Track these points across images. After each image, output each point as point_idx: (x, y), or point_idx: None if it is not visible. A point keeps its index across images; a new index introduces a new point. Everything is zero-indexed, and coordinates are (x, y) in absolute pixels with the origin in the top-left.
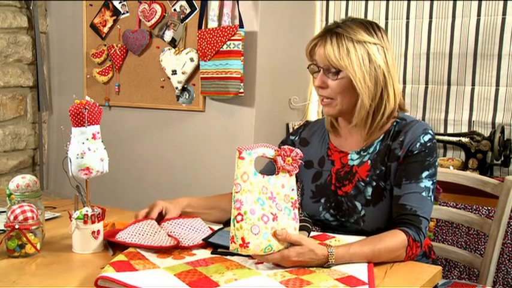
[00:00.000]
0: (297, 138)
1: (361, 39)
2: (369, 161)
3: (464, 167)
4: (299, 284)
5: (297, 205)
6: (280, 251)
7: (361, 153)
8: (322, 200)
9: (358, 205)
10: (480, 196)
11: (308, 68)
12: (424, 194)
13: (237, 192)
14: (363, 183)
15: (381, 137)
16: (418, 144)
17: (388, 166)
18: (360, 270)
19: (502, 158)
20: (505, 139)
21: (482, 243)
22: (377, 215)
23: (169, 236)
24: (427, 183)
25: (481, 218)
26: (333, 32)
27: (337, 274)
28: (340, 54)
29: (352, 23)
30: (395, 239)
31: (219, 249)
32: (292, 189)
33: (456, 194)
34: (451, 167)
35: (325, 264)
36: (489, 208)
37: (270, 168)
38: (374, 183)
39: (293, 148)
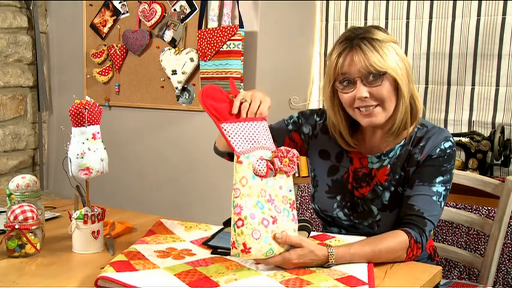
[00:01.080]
0: (320, 122)
1: (386, 39)
2: (389, 166)
3: (464, 167)
4: (299, 284)
5: (295, 206)
6: (282, 254)
7: (381, 157)
8: (338, 198)
9: (375, 209)
10: (480, 196)
11: (334, 85)
12: (434, 198)
13: (236, 197)
14: (381, 188)
15: (402, 142)
16: (438, 149)
17: (407, 171)
18: (360, 270)
19: (502, 158)
20: (505, 139)
21: (482, 243)
22: (393, 220)
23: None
24: (439, 188)
25: (482, 218)
26: (360, 38)
27: (337, 274)
28: (382, 57)
29: (365, 28)
30: (396, 240)
31: (219, 250)
32: (290, 190)
33: (456, 194)
34: None
35: (325, 264)
36: (489, 208)
37: (280, 127)
38: (392, 188)
39: (289, 149)
